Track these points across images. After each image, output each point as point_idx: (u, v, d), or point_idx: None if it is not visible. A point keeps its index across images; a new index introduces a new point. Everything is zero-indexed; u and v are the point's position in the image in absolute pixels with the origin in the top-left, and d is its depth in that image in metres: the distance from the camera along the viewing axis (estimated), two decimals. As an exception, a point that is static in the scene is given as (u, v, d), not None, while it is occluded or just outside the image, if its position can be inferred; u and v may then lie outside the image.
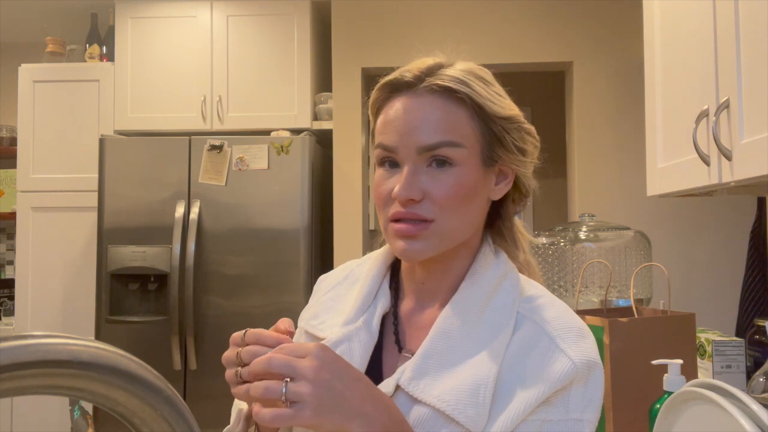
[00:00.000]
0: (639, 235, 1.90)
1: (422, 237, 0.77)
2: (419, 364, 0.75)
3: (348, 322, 0.83)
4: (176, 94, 3.06)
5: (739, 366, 1.55)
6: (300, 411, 0.63)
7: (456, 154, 0.76)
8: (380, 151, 0.79)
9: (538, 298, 0.80)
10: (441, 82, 0.77)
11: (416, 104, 0.77)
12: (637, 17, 1.84)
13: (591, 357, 0.74)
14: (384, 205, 0.79)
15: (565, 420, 0.71)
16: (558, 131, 3.39)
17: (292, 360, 0.64)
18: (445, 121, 0.76)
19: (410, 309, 0.85)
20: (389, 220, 0.78)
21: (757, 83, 1.13)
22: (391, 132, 0.78)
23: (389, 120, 0.79)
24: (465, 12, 3.01)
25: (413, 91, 0.78)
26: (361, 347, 0.80)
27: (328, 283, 0.94)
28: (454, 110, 0.77)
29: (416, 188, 0.76)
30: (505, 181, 0.82)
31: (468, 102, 0.77)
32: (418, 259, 0.79)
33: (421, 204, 0.76)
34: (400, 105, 0.78)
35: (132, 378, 0.38)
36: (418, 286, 0.85)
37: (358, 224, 3.02)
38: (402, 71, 0.80)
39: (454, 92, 0.77)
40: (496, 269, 0.81)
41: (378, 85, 0.81)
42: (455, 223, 0.78)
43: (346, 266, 0.96)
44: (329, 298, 0.91)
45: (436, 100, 0.77)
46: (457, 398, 0.71)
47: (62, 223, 3.08)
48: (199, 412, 2.64)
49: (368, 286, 0.86)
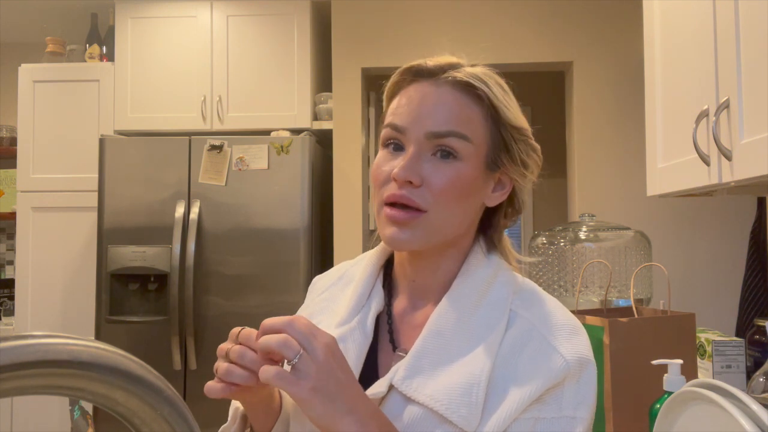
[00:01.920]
0: (639, 235, 1.90)
1: (412, 226, 0.76)
2: (412, 364, 0.75)
3: (342, 323, 0.83)
4: (176, 94, 3.06)
5: (739, 366, 1.55)
6: (301, 380, 0.64)
7: (462, 147, 0.77)
8: (388, 130, 0.79)
9: (531, 294, 0.81)
10: (463, 76, 0.78)
11: (434, 92, 0.78)
12: (637, 17, 1.84)
13: (583, 354, 0.74)
14: (381, 185, 0.79)
15: (558, 418, 0.71)
16: (558, 131, 3.39)
17: (311, 335, 0.66)
18: (459, 113, 0.77)
19: (403, 308, 0.85)
20: (383, 203, 0.78)
21: (757, 83, 1.13)
22: (404, 114, 0.78)
23: (404, 102, 0.79)
24: (465, 12, 3.01)
25: (434, 79, 0.79)
26: (356, 347, 0.80)
27: (323, 284, 0.95)
28: (470, 105, 0.78)
29: (416, 172, 0.76)
30: (502, 190, 0.83)
31: (485, 101, 0.78)
32: (404, 248, 0.79)
33: (418, 191, 0.76)
34: (418, 90, 0.79)
35: (132, 378, 0.38)
36: (409, 284, 0.85)
37: (358, 224, 3.02)
38: (425, 59, 0.81)
39: (474, 88, 0.78)
40: (488, 267, 0.81)
41: (401, 69, 0.82)
42: (447, 217, 0.77)
43: (341, 267, 0.96)
44: (324, 298, 0.91)
45: (454, 92, 0.78)
46: (450, 398, 0.71)
47: (62, 223, 3.08)
48: (199, 412, 2.63)
49: (362, 286, 0.86)
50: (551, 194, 3.74)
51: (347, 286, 0.90)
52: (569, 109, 3.09)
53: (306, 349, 0.65)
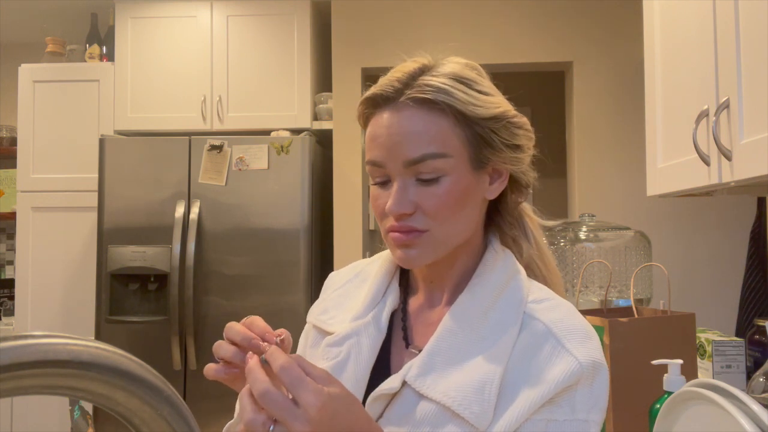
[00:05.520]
0: (639, 235, 1.90)
1: (417, 245, 0.78)
2: (426, 361, 0.76)
3: (357, 317, 0.84)
4: (176, 94, 3.06)
5: (739, 366, 1.55)
6: None
7: (442, 164, 0.76)
8: (370, 167, 0.81)
9: (544, 299, 0.81)
10: (420, 95, 0.76)
11: (398, 119, 0.77)
12: (637, 17, 1.84)
13: (597, 358, 0.74)
14: (381, 218, 0.81)
15: (570, 420, 0.72)
16: (558, 131, 3.39)
17: (288, 405, 0.61)
18: (428, 133, 0.76)
19: (419, 306, 0.86)
20: (387, 231, 0.80)
21: (757, 83, 1.13)
22: (377, 148, 0.79)
23: (374, 136, 0.79)
24: (465, 12, 3.01)
25: (394, 105, 0.78)
26: (370, 342, 0.82)
27: (339, 280, 0.95)
28: (436, 120, 0.77)
29: (406, 203, 0.77)
30: (499, 179, 0.82)
31: (449, 111, 0.77)
32: (416, 266, 0.81)
33: (414, 216, 0.77)
34: (384, 120, 0.78)
35: (132, 378, 0.38)
36: (425, 284, 0.86)
37: (358, 224, 3.02)
38: (382, 84, 0.79)
39: (434, 103, 0.76)
40: (503, 272, 0.82)
41: (361, 99, 0.82)
42: (450, 229, 0.78)
43: (357, 265, 0.97)
44: (339, 294, 0.92)
45: (417, 113, 0.77)
46: (463, 394, 0.72)
47: (62, 223, 3.08)
48: (199, 412, 2.64)
49: (378, 282, 0.87)
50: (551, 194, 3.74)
51: (363, 282, 0.91)
52: (569, 109, 3.09)
53: (285, 420, 0.61)
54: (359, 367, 0.80)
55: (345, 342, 0.82)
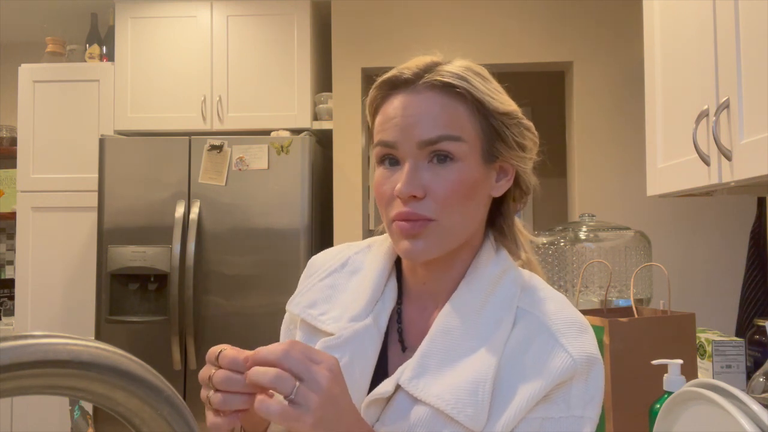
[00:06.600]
0: (639, 235, 1.90)
1: (424, 235, 0.76)
2: (419, 363, 0.75)
3: (356, 318, 0.81)
4: (176, 94, 3.06)
5: (739, 366, 1.55)
6: (303, 415, 0.61)
7: (457, 148, 0.76)
8: (380, 148, 0.79)
9: (539, 291, 0.80)
10: (440, 78, 0.76)
11: (415, 100, 0.77)
12: (637, 17, 1.84)
13: (591, 352, 0.74)
14: (386, 204, 0.78)
15: (566, 417, 0.71)
16: (558, 131, 3.39)
17: (310, 363, 0.63)
18: (445, 115, 0.76)
19: (413, 307, 0.85)
20: (392, 220, 0.78)
21: (757, 83, 1.13)
22: (391, 129, 0.77)
23: (388, 117, 0.78)
24: (465, 12, 3.01)
25: (412, 87, 0.78)
26: (373, 346, 0.80)
27: (323, 266, 0.90)
28: (453, 105, 0.76)
29: (418, 184, 0.75)
30: (506, 177, 0.82)
31: (468, 97, 0.77)
32: (422, 259, 0.78)
33: (423, 202, 0.75)
34: (399, 102, 0.77)
35: (132, 378, 0.38)
36: (420, 286, 0.84)
37: (358, 224, 3.02)
38: (400, 69, 0.79)
39: (454, 87, 0.76)
40: (496, 266, 0.81)
41: (376, 83, 0.81)
42: (457, 220, 0.77)
43: (341, 252, 0.92)
44: (327, 285, 0.87)
45: (435, 96, 0.76)
46: (456, 397, 0.71)
47: (62, 223, 3.08)
48: (199, 412, 2.63)
49: (375, 280, 0.84)
50: (551, 194, 3.74)
51: (353, 275, 0.87)
52: (569, 109, 3.09)
53: (305, 379, 0.62)
54: (362, 372, 0.79)
55: (347, 346, 0.79)
